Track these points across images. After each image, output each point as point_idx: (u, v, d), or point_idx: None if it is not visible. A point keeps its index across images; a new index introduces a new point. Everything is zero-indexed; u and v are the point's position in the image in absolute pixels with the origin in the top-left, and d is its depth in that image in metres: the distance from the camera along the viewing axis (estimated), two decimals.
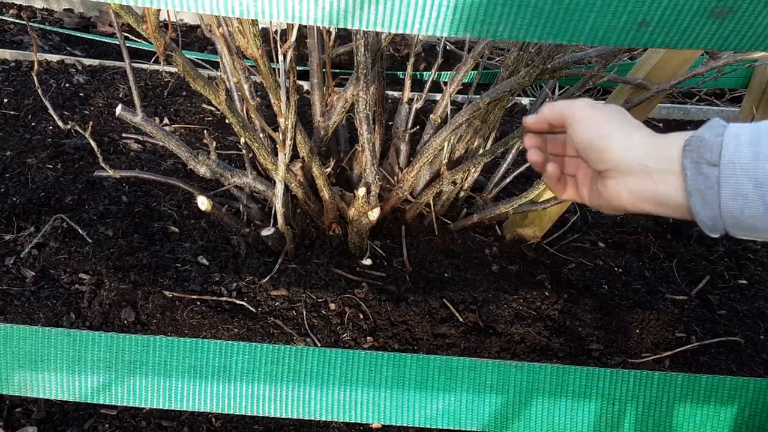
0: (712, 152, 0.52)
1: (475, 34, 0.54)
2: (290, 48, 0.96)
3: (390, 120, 1.70)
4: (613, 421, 0.90)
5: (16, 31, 2.64)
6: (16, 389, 0.87)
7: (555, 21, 0.53)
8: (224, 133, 1.94)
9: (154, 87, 2.18)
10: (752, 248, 1.66)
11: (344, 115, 1.35)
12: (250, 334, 1.14)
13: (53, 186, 1.50)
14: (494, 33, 0.54)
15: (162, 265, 1.28)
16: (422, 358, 0.89)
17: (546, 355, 1.21)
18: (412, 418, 0.89)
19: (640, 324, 1.31)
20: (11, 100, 1.92)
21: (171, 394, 0.88)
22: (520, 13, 0.51)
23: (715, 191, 0.53)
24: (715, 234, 0.56)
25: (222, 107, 1.03)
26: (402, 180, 1.38)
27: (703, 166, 0.53)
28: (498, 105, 1.42)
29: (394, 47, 3.01)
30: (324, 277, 1.29)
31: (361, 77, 1.07)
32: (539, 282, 1.39)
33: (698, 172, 0.53)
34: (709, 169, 0.53)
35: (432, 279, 1.35)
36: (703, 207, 0.54)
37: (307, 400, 0.88)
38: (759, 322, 1.38)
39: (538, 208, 1.39)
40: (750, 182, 0.51)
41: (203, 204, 1.17)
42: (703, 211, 0.54)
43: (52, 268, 1.26)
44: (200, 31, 2.91)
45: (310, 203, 1.34)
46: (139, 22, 0.87)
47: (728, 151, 0.52)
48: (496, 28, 0.54)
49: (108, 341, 0.87)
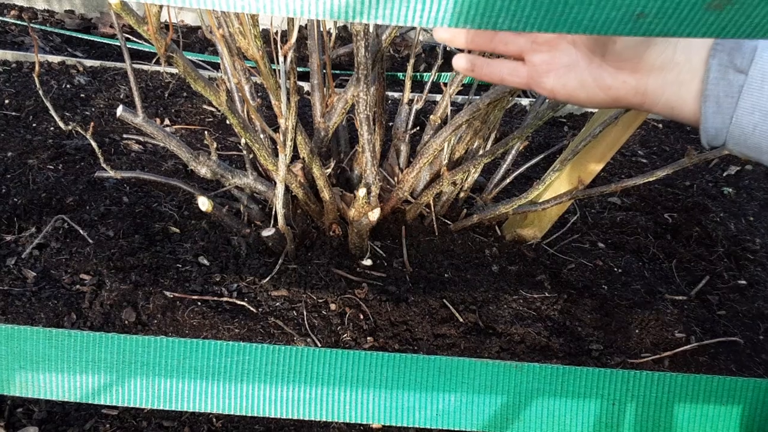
0: (744, 57, 0.47)
1: (475, 26, 0.54)
2: (291, 49, 0.96)
3: (390, 121, 1.71)
4: (613, 422, 0.91)
5: (18, 32, 2.64)
6: (17, 390, 0.87)
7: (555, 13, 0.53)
8: (225, 133, 1.94)
9: (155, 88, 2.18)
10: (752, 249, 1.66)
11: (344, 116, 1.36)
12: (251, 335, 1.15)
13: (54, 187, 1.51)
14: (494, 24, 0.54)
15: (163, 266, 1.28)
16: (422, 359, 0.90)
17: (546, 355, 1.21)
18: (412, 418, 0.89)
19: (639, 324, 1.32)
20: (12, 101, 1.92)
21: (171, 394, 0.88)
22: (520, 5, 0.51)
23: (733, 100, 0.47)
24: (711, 145, 0.51)
25: (223, 108, 1.03)
26: (402, 181, 1.38)
27: (729, 71, 0.47)
28: (498, 106, 1.42)
29: (394, 48, 3.01)
30: (324, 277, 1.29)
31: (361, 78, 1.08)
32: (539, 282, 1.40)
33: (722, 76, 0.47)
34: (735, 76, 0.47)
35: (432, 279, 1.35)
36: (715, 115, 0.49)
37: (307, 400, 0.89)
38: (758, 323, 1.39)
39: (538, 208, 1.39)
40: None
41: (204, 205, 1.17)
42: (712, 119, 0.49)
43: (53, 268, 1.26)
44: (201, 33, 2.92)
45: (311, 204, 1.34)
46: (140, 23, 0.88)
47: (762, 59, 0.46)
48: (496, 20, 0.54)
49: (109, 342, 0.87)
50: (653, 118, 2.56)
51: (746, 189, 2.04)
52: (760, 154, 0.49)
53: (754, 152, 0.49)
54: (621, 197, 1.84)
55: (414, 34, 2.51)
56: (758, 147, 0.48)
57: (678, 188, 1.95)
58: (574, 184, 1.36)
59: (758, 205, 1.94)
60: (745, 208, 1.91)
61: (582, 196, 1.34)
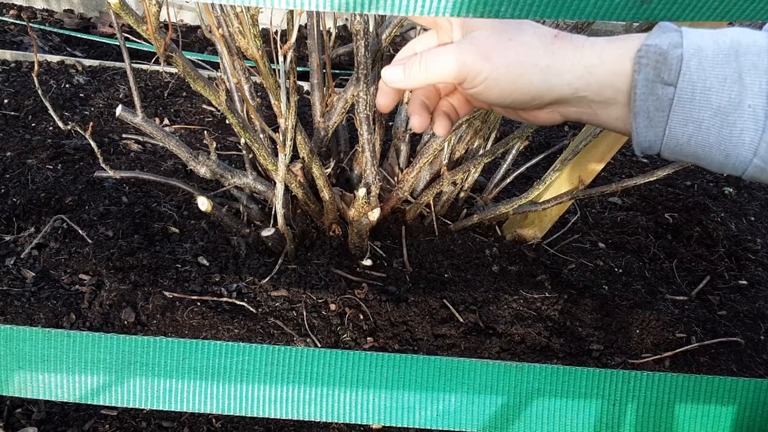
0: (671, 70, 0.45)
1: (478, 14, 0.54)
2: (290, 49, 0.96)
3: (390, 120, 1.70)
4: (614, 422, 0.90)
5: (17, 31, 2.64)
6: (16, 390, 0.87)
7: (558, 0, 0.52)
8: (224, 133, 1.94)
9: (155, 88, 2.18)
10: (753, 249, 1.66)
11: (344, 116, 1.35)
12: (251, 335, 1.14)
13: (53, 186, 1.50)
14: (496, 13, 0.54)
15: (162, 266, 1.28)
16: (422, 359, 0.89)
17: (546, 355, 1.21)
18: (412, 419, 0.89)
19: (640, 324, 1.31)
20: (11, 101, 1.92)
21: (171, 395, 0.88)
22: None
23: (665, 114, 0.46)
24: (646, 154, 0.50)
25: (222, 108, 1.03)
26: (402, 180, 1.38)
27: (657, 86, 0.45)
28: None
29: (394, 47, 3.01)
30: (324, 277, 1.29)
31: (361, 78, 1.07)
32: (539, 282, 1.39)
33: (650, 91, 0.46)
34: (664, 90, 0.45)
35: (432, 279, 1.35)
36: (647, 129, 0.47)
37: (307, 401, 0.88)
38: (759, 323, 1.38)
39: (538, 208, 1.38)
40: (709, 109, 0.44)
41: (203, 204, 1.17)
42: (644, 133, 0.47)
43: (52, 268, 1.26)
44: (200, 32, 2.91)
45: (310, 204, 1.34)
46: (140, 22, 0.87)
47: (690, 70, 0.44)
48: (498, 8, 0.53)
49: (108, 342, 0.87)
50: None
51: (747, 189, 2.04)
52: (698, 161, 0.48)
53: (692, 159, 0.48)
54: (622, 197, 1.84)
55: (414, 34, 2.51)
56: (695, 155, 0.47)
57: (679, 188, 1.94)
58: (575, 184, 1.36)
59: (759, 205, 1.94)
60: (746, 208, 1.91)
61: (582, 196, 1.34)
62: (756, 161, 0.45)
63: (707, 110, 0.44)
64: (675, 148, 0.47)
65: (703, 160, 0.48)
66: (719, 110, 0.44)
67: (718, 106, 0.44)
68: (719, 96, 0.44)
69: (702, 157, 0.47)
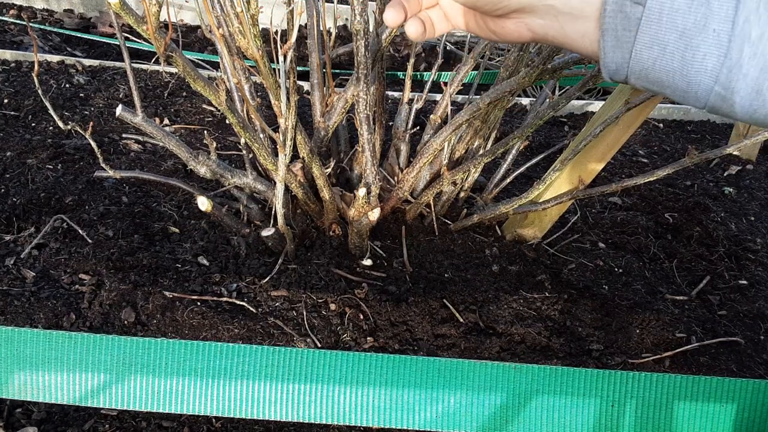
0: None
1: None
2: (290, 48, 0.96)
3: (390, 120, 1.70)
4: (613, 423, 0.90)
5: (17, 31, 2.64)
6: (16, 393, 0.87)
7: None
8: (224, 133, 1.94)
9: (155, 87, 2.18)
10: (753, 248, 1.66)
11: (344, 116, 1.35)
12: (251, 335, 1.14)
13: (53, 186, 1.50)
14: None
15: (162, 266, 1.28)
16: (421, 360, 0.89)
17: (546, 355, 1.21)
18: (412, 420, 0.89)
19: (640, 324, 1.31)
20: (11, 101, 1.92)
21: (171, 396, 0.88)
22: None
23: (632, 34, 0.46)
24: (614, 79, 0.50)
25: (222, 108, 1.03)
26: (402, 180, 1.38)
27: (626, 4, 0.46)
28: (498, 105, 1.42)
29: (394, 47, 3.01)
30: (324, 277, 1.29)
31: (361, 78, 1.07)
32: (539, 282, 1.39)
33: (619, 9, 0.46)
34: (633, 8, 0.46)
35: (432, 279, 1.35)
36: (614, 49, 0.48)
37: (307, 402, 0.88)
38: (759, 323, 1.38)
39: (538, 208, 1.38)
40: (675, 31, 0.45)
41: (203, 204, 1.17)
42: (612, 53, 0.48)
43: (52, 268, 1.26)
44: (200, 32, 2.91)
45: (311, 204, 1.34)
46: (140, 22, 0.87)
47: None
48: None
49: (108, 344, 0.87)
50: (654, 118, 2.55)
51: (747, 189, 2.04)
52: (662, 89, 0.48)
53: (656, 86, 0.48)
54: (622, 197, 1.84)
55: None
56: (660, 82, 0.47)
57: (679, 188, 1.94)
58: (575, 184, 1.36)
59: (759, 205, 1.94)
60: (746, 207, 1.91)
61: (582, 196, 1.34)
62: (717, 89, 0.45)
63: (673, 32, 0.45)
64: (641, 73, 0.47)
65: (668, 88, 0.48)
66: (684, 33, 0.44)
67: (684, 28, 0.44)
68: (685, 18, 0.44)
69: (666, 83, 0.47)
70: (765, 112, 0.45)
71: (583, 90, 1.24)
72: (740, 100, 0.45)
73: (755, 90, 0.44)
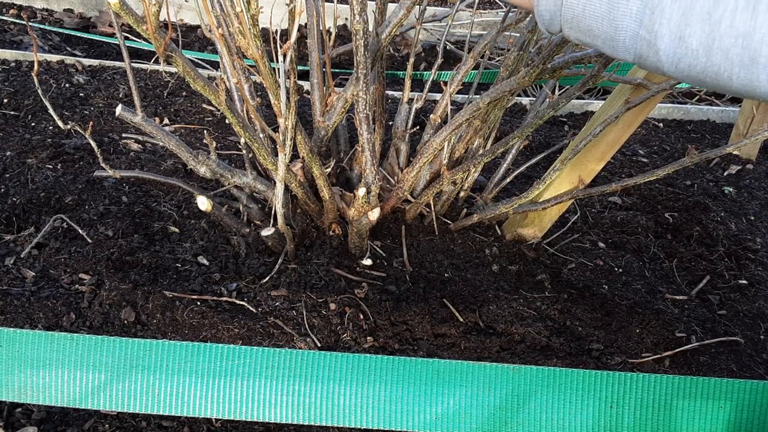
0: None
1: None
2: (290, 48, 0.96)
3: (390, 120, 1.70)
4: (611, 424, 0.90)
5: (16, 31, 2.64)
6: (16, 395, 0.87)
7: None
8: (224, 133, 1.94)
9: (154, 87, 2.18)
10: (753, 248, 1.66)
11: (344, 115, 1.35)
12: (250, 334, 1.14)
13: (53, 186, 1.50)
14: None
15: (162, 266, 1.28)
16: (421, 362, 0.89)
17: (546, 355, 1.21)
18: (411, 422, 0.89)
19: (640, 324, 1.31)
20: (11, 101, 1.92)
21: (171, 397, 0.88)
22: None
23: None
24: (549, 31, 0.51)
25: (222, 107, 1.03)
26: (402, 180, 1.38)
27: None
28: (498, 105, 1.42)
29: (394, 47, 3.01)
30: (324, 277, 1.29)
31: (361, 77, 1.07)
32: (539, 282, 1.39)
33: None
34: None
35: (432, 279, 1.35)
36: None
37: (307, 404, 0.88)
38: (759, 322, 1.38)
39: (538, 208, 1.38)
40: None
41: (203, 204, 1.17)
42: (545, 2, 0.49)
43: (52, 268, 1.26)
44: (200, 31, 2.91)
45: (310, 203, 1.34)
46: (139, 22, 0.87)
47: None
48: None
49: (109, 345, 0.87)
50: (654, 118, 2.55)
51: (747, 188, 2.04)
52: (594, 39, 0.49)
53: (589, 36, 0.49)
54: (621, 197, 1.84)
55: (414, 33, 2.51)
56: (590, 30, 0.48)
57: (679, 188, 1.94)
58: (575, 184, 1.36)
59: (759, 205, 1.94)
60: (745, 207, 1.91)
61: (582, 196, 1.34)
62: (642, 33, 0.46)
63: None
64: (572, 21, 0.49)
65: (598, 38, 0.49)
66: None
67: None
68: None
69: (596, 31, 0.48)
70: (688, 62, 0.45)
71: (583, 89, 1.24)
72: (664, 47, 0.45)
73: (678, 36, 0.44)
